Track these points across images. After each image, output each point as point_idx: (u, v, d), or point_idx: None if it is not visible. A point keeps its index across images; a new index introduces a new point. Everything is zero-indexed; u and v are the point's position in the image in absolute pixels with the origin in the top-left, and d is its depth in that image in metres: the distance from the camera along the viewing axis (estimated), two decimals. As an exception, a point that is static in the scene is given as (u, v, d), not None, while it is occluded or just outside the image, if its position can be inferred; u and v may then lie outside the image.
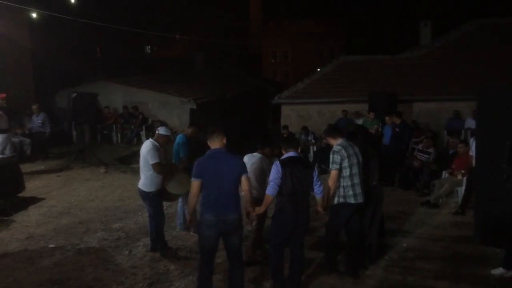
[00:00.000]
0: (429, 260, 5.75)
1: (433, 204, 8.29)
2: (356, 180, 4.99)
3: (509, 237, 2.19)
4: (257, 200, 5.42)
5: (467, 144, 8.62)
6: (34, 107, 12.59)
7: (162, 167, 5.66)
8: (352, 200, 4.98)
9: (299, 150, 4.87)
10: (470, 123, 11.83)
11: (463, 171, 8.25)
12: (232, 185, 4.33)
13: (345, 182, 4.96)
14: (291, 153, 4.72)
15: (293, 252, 4.78)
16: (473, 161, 7.62)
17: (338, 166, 4.91)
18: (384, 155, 7.39)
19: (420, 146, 10.07)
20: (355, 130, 6.04)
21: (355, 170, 4.98)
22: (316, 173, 4.73)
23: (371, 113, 11.95)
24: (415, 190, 9.29)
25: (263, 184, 5.62)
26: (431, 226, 7.12)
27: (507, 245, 2.37)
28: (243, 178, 4.38)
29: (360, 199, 5.02)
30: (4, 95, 10.70)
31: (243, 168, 4.40)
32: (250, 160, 5.62)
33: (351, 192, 4.96)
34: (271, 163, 5.64)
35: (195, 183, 4.36)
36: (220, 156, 4.36)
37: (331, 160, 4.99)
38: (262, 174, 5.58)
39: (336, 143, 5.06)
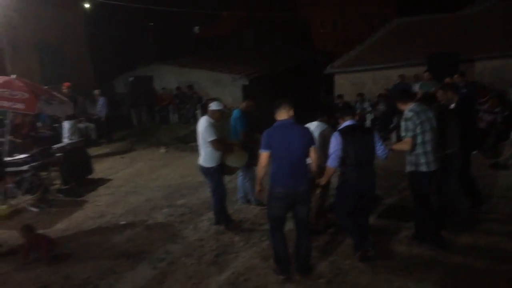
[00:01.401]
0: (499, 222, 5.52)
1: (502, 165, 7.89)
2: (428, 147, 4.70)
3: None
4: (320, 168, 5.42)
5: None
6: (96, 92, 13.14)
7: (220, 144, 5.73)
8: (424, 168, 4.74)
9: (356, 118, 4.72)
10: (539, 78, 11.05)
11: (534, 129, 7.77)
12: (302, 156, 4.32)
13: (417, 149, 4.72)
14: (348, 122, 4.61)
15: (360, 222, 4.74)
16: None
17: (412, 133, 4.64)
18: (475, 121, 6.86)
19: (485, 107, 9.55)
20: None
21: (428, 137, 4.69)
22: (377, 137, 4.62)
23: (426, 74, 11.30)
24: (482, 153, 8.86)
25: (326, 151, 5.59)
26: (501, 189, 6.80)
27: None
28: (312, 149, 4.38)
29: (433, 167, 4.76)
30: (68, 84, 11.25)
31: (312, 139, 4.39)
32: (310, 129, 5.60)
33: (423, 160, 4.72)
34: (331, 131, 5.62)
35: (264, 155, 4.36)
36: (289, 127, 4.33)
37: (403, 127, 4.71)
38: (324, 142, 5.54)
39: (407, 108, 4.77)
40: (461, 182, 5.39)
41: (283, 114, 4.38)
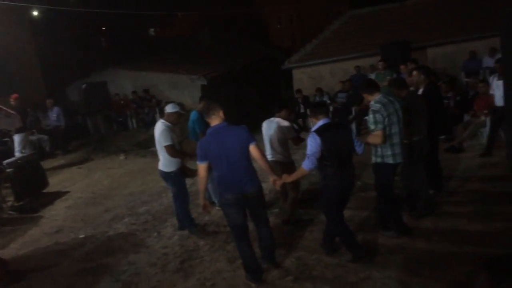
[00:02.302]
0: (459, 204, 5.63)
1: (457, 148, 8.09)
2: (396, 139, 4.65)
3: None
4: (283, 164, 5.38)
5: (487, 83, 8.32)
6: (48, 102, 12.65)
7: (175, 150, 5.55)
8: (390, 161, 4.70)
9: (329, 115, 4.54)
10: (488, 61, 11.44)
11: (485, 112, 8.00)
12: (242, 158, 4.12)
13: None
14: (324, 120, 4.36)
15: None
16: (495, 100, 7.42)
17: (382, 126, 4.53)
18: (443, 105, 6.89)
19: (438, 92, 9.77)
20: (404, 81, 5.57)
21: (395, 129, 4.62)
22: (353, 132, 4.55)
23: (381, 63, 11.46)
24: (445, 140, 9.05)
25: (286, 147, 5.57)
26: (458, 171, 6.96)
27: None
28: (252, 147, 4.16)
29: (398, 159, 4.73)
30: (16, 95, 10.74)
31: (248, 138, 4.15)
32: (269, 125, 5.56)
33: (389, 152, 4.67)
34: (289, 126, 5.60)
35: (201, 167, 4.23)
36: (221, 132, 4.15)
37: (372, 120, 4.58)
38: (284, 137, 5.51)
39: (374, 99, 4.67)
40: (425, 167, 5.45)
41: (215, 120, 4.22)
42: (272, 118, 5.64)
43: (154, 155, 10.52)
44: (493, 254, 1.52)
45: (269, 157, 5.48)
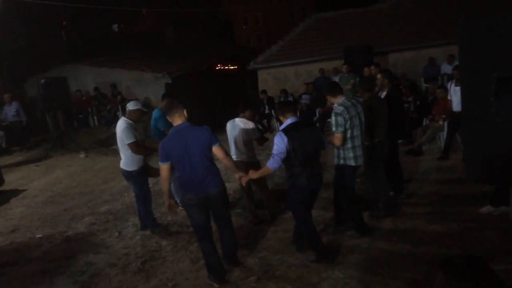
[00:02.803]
0: (418, 205, 5.80)
1: (416, 151, 8.35)
2: (358, 142, 4.73)
3: (501, 172, 2.15)
4: (248, 164, 5.39)
5: (445, 89, 8.61)
6: (6, 96, 12.17)
7: (139, 147, 5.47)
8: (352, 163, 4.77)
9: (297, 114, 4.46)
10: (446, 68, 11.85)
11: (443, 116, 8.29)
12: (204, 158, 4.07)
13: (346, 143, 4.72)
14: (292, 119, 4.31)
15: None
16: (452, 105, 7.70)
17: (342, 129, 4.60)
18: (403, 109, 7.08)
19: (399, 96, 10.04)
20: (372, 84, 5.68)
21: (357, 132, 4.69)
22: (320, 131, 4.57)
23: (345, 67, 11.71)
24: (403, 143, 9.30)
25: (251, 147, 5.59)
26: (417, 173, 7.18)
27: (500, 180, 2.35)
28: (215, 149, 4.13)
29: (360, 161, 4.82)
30: (-31, 89, 10.29)
31: (210, 138, 4.09)
32: (233, 126, 5.56)
33: (351, 155, 4.74)
34: (253, 126, 5.61)
35: (163, 167, 4.16)
36: (184, 132, 4.08)
37: (334, 122, 4.65)
38: (249, 137, 5.53)
39: (337, 101, 4.73)
40: (386, 169, 5.58)
41: (177, 119, 4.15)
42: (236, 119, 5.64)
43: (116, 153, 10.29)
44: (449, 255, 1.57)
45: (234, 157, 5.48)
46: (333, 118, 4.68)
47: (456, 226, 5.01)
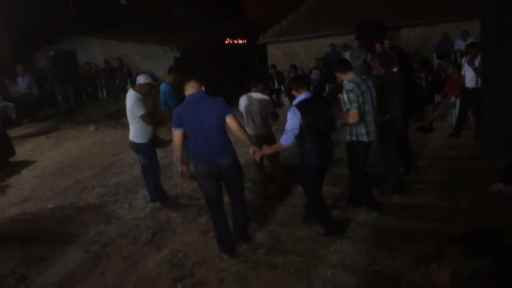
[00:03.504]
0: (427, 182, 5.79)
1: (427, 128, 8.28)
2: (370, 117, 4.68)
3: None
4: (264, 138, 5.39)
5: (457, 65, 8.48)
6: (18, 68, 12.17)
7: (151, 117, 5.48)
8: (365, 138, 4.73)
9: (311, 89, 4.40)
10: (459, 44, 11.62)
11: (456, 93, 8.18)
12: (218, 128, 4.06)
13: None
14: (305, 94, 4.24)
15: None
16: (466, 81, 7.59)
17: (357, 104, 4.53)
18: (416, 87, 7.00)
19: (411, 72, 9.91)
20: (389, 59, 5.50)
21: (369, 107, 4.64)
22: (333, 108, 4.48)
23: (356, 42, 11.55)
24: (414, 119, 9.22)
25: (267, 121, 5.58)
26: (427, 150, 7.14)
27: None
28: (229, 119, 4.09)
29: (372, 137, 4.78)
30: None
31: (224, 109, 4.07)
32: (249, 100, 5.54)
33: (363, 130, 4.70)
34: (269, 100, 5.60)
35: (176, 133, 4.17)
36: (198, 101, 4.08)
37: (346, 100, 4.57)
38: (265, 111, 5.50)
39: (347, 78, 4.66)
40: (396, 146, 5.54)
41: (191, 88, 4.15)
42: (250, 93, 5.60)
43: (125, 126, 10.31)
44: (457, 231, 1.57)
45: (250, 132, 5.49)
46: (344, 95, 4.61)
47: (465, 202, 5.01)
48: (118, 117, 11.95)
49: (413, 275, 3.68)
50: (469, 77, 7.44)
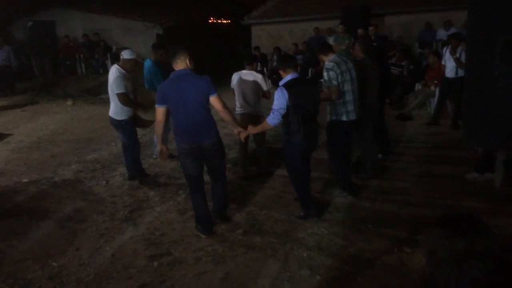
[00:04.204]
0: (404, 168, 5.88)
1: (407, 116, 8.38)
2: (349, 97, 4.74)
3: (498, 137, 2.16)
4: (253, 117, 5.38)
5: (438, 54, 8.57)
6: None
7: (128, 99, 5.34)
8: (344, 118, 4.79)
9: (298, 70, 4.45)
10: (442, 34, 11.74)
11: (435, 82, 8.28)
12: (200, 108, 4.00)
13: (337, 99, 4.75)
14: (292, 75, 4.25)
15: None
16: (445, 71, 7.68)
17: (337, 82, 4.63)
18: (389, 72, 7.19)
19: (393, 60, 9.99)
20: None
21: (348, 87, 4.71)
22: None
23: (341, 27, 11.53)
24: (389, 104, 9.32)
25: (259, 100, 5.59)
26: (405, 137, 7.24)
27: (497, 145, 2.37)
28: (213, 99, 4.04)
29: (352, 116, 4.82)
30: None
31: (208, 88, 4.01)
32: (241, 78, 5.53)
33: (342, 110, 4.76)
34: (262, 78, 5.58)
35: (159, 110, 4.09)
36: (184, 78, 4.00)
37: (326, 78, 4.68)
38: (258, 89, 5.49)
39: (328, 59, 4.75)
40: (374, 132, 5.65)
41: (179, 64, 4.06)
42: (243, 71, 5.58)
43: (104, 102, 10.18)
44: (432, 216, 1.61)
45: (241, 110, 5.52)
46: (325, 74, 4.72)
47: (440, 190, 5.11)
48: (97, 93, 11.75)
49: (387, 258, 3.75)
50: (450, 67, 7.54)
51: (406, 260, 3.71)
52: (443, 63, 7.86)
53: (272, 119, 4.22)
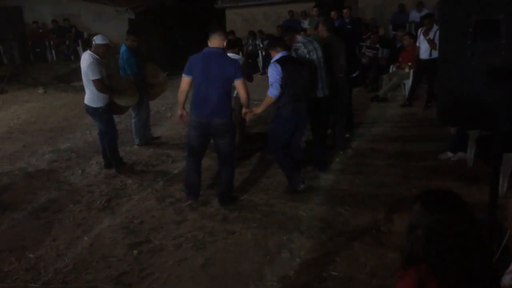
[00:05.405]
0: (379, 151, 5.97)
1: (381, 98, 8.48)
2: (318, 75, 5.01)
3: (471, 116, 2.22)
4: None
5: (412, 36, 8.65)
6: None
7: (104, 85, 5.24)
8: (319, 94, 5.07)
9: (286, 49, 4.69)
10: (414, 15, 11.83)
11: (409, 64, 8.38)
12: (221, 88, 4.17)
13: None
14: (283, 53, 4.53)
15: (294, 153, 4.84)
16: (420, 53, 7.78)
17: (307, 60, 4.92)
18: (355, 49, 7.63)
19: (367, 43, 10.04)
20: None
21: (315, 65, 4.98)
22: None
23: (315, 9, 11.50)
24: (364, 86, 9.42)
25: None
26: (381, 120, 7.34)
27: (469, 124, 2.43)
28: (238, 83, 4.20)
29: (321, 93, 5.09)
30: None
31: (236, 72, 4.17)
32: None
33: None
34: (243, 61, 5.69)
35: (184, 79, 4.27)
36: (214, 56, 4.16)
37: (296, 56, 4.96)
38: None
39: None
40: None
41: (214, 41, 4.20)
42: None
43: (76, 90, 9.98)
44: (424, 189, 1.65)
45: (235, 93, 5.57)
46: (293, 54, 4.97)
47: (415, 170, 5.22)
48: (69, 80, 11.48)
49: (365, 238, 3.83)
50: (424, 49, 7.63)
51: (384, 239, 3.79)
52: (417, 44, 7.94)
53: (273, 91, 4.41)
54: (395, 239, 3.73)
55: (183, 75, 4.28)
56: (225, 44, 4.28)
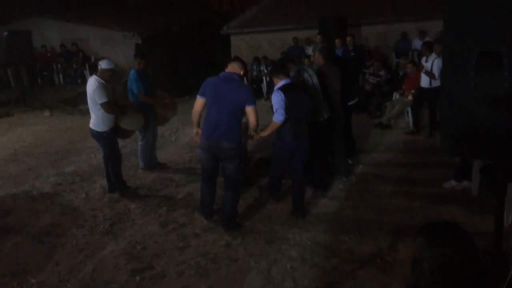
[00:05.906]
0: (383, 177, 5.96)
1: (385, 125, 8.51)
2: (314, 100, 5.10)
3: (475, 146, 2.24)
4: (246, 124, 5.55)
5: (415, 64, 8.74)
6: None
7: (112, 106, 5.34)
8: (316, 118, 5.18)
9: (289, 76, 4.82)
10: (417, 43, 11.99)
11: (413, 91, 8.43)
12: (232, 113, 4.24)
13: None
14: (285, 80, 4.67)
15: (295, 176, 4.90)
16: (421, 81, 7.83)
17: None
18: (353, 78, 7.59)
19: (371, 70, 10.15)
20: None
21: (315, 89, 5.13)
22: None
23: (319, 37, 11.67)
24: (367, 113, 9.47)
25: None
26: (384, 146, 7.35)
27: (474, 153, 2.44)
28: (249, 109, 4.26)
29: (321, 117, 5.21)
30: None
31: (250, 99, 4.25)
32: None
33: None
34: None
35: (198, 100, 4.39)
36: (228, 80, 4.28)
37: None
38: None
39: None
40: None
41: (232, 67, 4.37)
42: None
43: (83, 113, 10.06)
44: (428, 221, 1.65)
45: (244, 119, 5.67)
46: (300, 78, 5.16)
47: (419, 198, 5.20)
48: (75, 104, 11.60)
49: (369, 268, 3.79)
50: (424, 77, 7.68)
51: (388, 269, 3.75)
52: (423, 72, 7.99)
53: (278, 117, 4.52)
54: (400, 269, 3.70)
55: (198, 96, 4.39)
56: (242, 73, 4.39)
